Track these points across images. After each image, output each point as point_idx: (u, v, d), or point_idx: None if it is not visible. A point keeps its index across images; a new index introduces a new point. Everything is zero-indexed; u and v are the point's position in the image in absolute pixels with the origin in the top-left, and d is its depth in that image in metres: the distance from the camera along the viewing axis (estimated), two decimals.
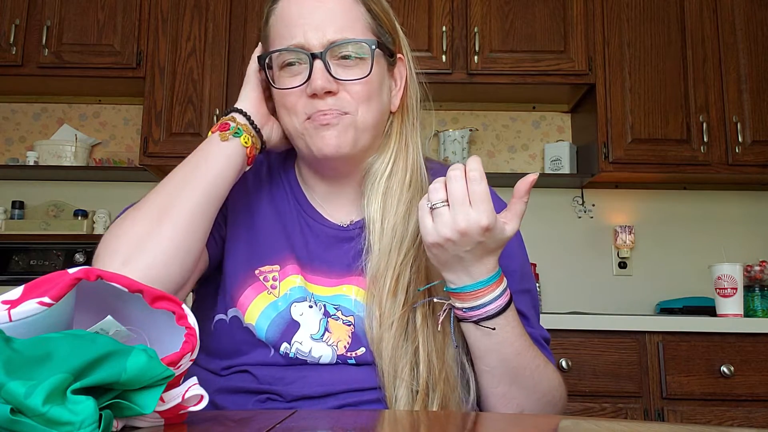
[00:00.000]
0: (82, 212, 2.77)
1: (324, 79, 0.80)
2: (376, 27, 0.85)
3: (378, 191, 0.86)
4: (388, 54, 0.88)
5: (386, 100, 0.88)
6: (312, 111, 0.82)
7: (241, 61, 2.62)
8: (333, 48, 0.81)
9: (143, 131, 2.58)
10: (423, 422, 0.56)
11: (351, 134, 0.83)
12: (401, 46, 0.91)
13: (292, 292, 0.83)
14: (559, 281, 2.78)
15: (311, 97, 0.81)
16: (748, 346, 2.09)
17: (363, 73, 0.82)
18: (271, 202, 0.91)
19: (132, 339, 0.48)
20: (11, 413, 0.39)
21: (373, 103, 0.84)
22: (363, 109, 0.83)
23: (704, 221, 2.83)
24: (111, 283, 0.46)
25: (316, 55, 0.80)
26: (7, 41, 2.58)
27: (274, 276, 0.85)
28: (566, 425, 0.60)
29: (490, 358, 0.79)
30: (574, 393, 2.08)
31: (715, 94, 2.57)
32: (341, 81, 0.81)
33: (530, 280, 0.93)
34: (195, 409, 0.48)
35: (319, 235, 0.89)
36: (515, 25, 2.62)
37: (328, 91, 0.81)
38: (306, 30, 0.81)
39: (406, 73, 0.91)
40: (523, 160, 2.91)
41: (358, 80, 0.82)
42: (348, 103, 0.82)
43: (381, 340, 0.79)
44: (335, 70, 0.81)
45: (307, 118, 0.83)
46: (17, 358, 0.41)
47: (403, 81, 0.91)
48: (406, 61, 0.91)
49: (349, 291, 0.85)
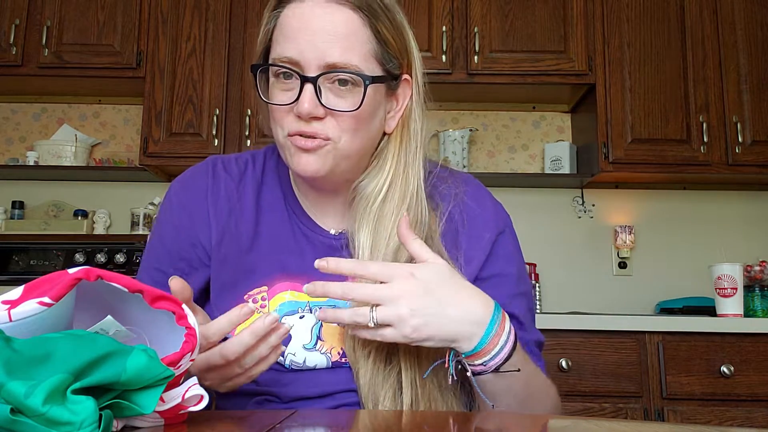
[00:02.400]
0: (82, 212, 2.77)
1: (312, 104, 0.77)
2: (381, 53, 0.81)
3: (370, 217, 0.82)
4: (391, 78, 0.84)
5: (378, 125, 0.84)
6: (295, 130, 0.79)
7: (241, 61, 2.63)
8: (327, 73, 0.78)
9: (143, 131, 2.58)
10: (422, 421, 0.56)
11: (330, 160, 0.80)
12: (411, 66, 0.87)
13: (282, 307, 0.83)
14: (559, 281, 2.78)
15: (297, 116, 0.79)
16: (748, 346, 2.09)
17: (354, 104, 0.78)
18: (259, 211, 0.89)
19: (132, 339, 0.48)
20: (11, 413, 0.39)
21: (359, 133, 0.81)
22: (346, 137, 0.80)
23: (704, 221, 2.83)
24: (111, 283, 0.46)
25: (308, 78, 0.77)
26: (7, 41, 2.58)
27: (263, 296, 0.84)
28: (566, 425, 0.60)
29: (504, 397, 0.76)
30: (574, 393, 2.08)
31: (715, 94, 2.57)
32: (330, 109, 0.78)
33: (526, 283, 0.92)
34: (195, 409, 0.48)
35: (316, 244, 0.88)
36: (515, 25, 2.62)
37: (313, 116, 0.78)
38: (305, 48, 0.77)
39: (411, 95, 0.87)
40: (523, 160, 2.91)
41: (347, 112, 0.79)
42: (332, 130, 0.79)
43: (358, 370, 0.78)
44: (326, 96, 0.78)
45: (291, 135, 0.81)
46: (17, 358, 0.41)
47: (405, 102, 0.86)
48: (413, 83, 0.87)
49: None
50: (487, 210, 0.91)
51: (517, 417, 0.57)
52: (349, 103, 0.79)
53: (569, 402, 2.08)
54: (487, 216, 0.90)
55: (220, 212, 0.88)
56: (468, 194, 0.91)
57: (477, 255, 0.87)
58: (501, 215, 0.93)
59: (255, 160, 0.94)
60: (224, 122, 2.59)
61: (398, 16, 0.84)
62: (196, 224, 0.88)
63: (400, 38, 0.84)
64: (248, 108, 2.59)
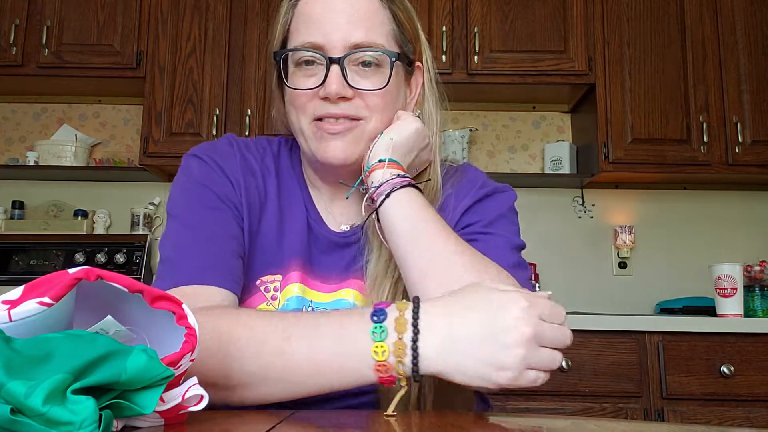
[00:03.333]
0: (82, 212, 2.77)
1: (339, 84, 0.78)
2: (399, 35, 0.83)
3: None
4: (407, 63, 0.85)
5: (401, 108, 0.86)
6: (322, 113, 0.79)
7: (241, 61, 2.63)
8: (353, 54, 0.78)
9: (143, 131, 2.58)
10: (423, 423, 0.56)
11: (361, 144, 0.81)
12: (422, 54, 0.88)
13: (289, 302, 0.82)
14: (559, 281, 2.78)
15: (323, 99, 0.79)
16: (748, 346, 2.09)
17: (381, 82, 0.80)
18: (280, 195, 0.88)
19: (132, 339, 0.48)
20: (11, 413, 0.39)
21: (386, 113, 0.82)
22: (377, 117, 0.81)
23: (704, 221, 2.83)
24: (111, 283, 0.46)
25: (334, 59, 0.78)
26: (7, 41, 2.58)
27: (275, 286, 0.83)
28: (566, 425, 0.60)
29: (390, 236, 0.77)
30: (574, 393, 2.08)
31: (715, 94, 2.57)
32: (357, 89, 0.79)
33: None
34: (195, 409, 0.48)
35: (320, 239, 0.87)
36: (515, 25, 2.62)
37: (342, 96, 0.79)
38: (328, 30, 0.78)
39: (423, 82, 0.88)
40: (523, 160, 2.91)
41: (375, 90, 0.80)
42: (362, 110, 0.80)
43: None
44: (351, 77, 0.79)
45: (317, 119, 0.80)
46: (17, 358, 0.41)
47: (418, 89, 0.88)
48: (424, 70, 0.88)
49: (348, 295, 0.84)
50: (477, 179, 0.90)
51: (517, 418, 0.57)
52: (375, 82, 0.80)
53: (569, 402, 2.08)
54: (476, 181, 0.89)
55: (249, 187, 0.84)
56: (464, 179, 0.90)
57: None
58: (492, 185, 0.91)
59: (270, 146, 0.92)
60: (224, 122, 2.59)
61: (408, 4, 0.86)
62: (231, 183, 0.84)
63: (412, 24, 0.86)
64: (248, 108, 2.59)
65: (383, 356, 0.59)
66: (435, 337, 0.59)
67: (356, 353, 0.60)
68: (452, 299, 0.62)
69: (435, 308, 0.61)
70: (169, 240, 0.79)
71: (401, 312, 0.60)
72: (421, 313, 0.60)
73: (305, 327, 0.63)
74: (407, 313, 0.60)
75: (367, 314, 0.61)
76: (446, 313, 0.60)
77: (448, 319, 0.60)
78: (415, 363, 0.59)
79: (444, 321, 0.59)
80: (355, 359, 0.60)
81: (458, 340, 0.58)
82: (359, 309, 0.64)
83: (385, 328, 0.59)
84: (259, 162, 0.88)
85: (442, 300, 0.62)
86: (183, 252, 0.77)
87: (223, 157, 0.85)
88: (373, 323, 0.60)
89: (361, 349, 0.60)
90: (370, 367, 0.60)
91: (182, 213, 0.81)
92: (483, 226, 0.84)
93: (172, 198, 0.83)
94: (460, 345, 0.58)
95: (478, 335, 0.58)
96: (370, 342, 0.60)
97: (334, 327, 0.62)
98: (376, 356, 0.59)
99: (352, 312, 0.64)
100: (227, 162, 0.84)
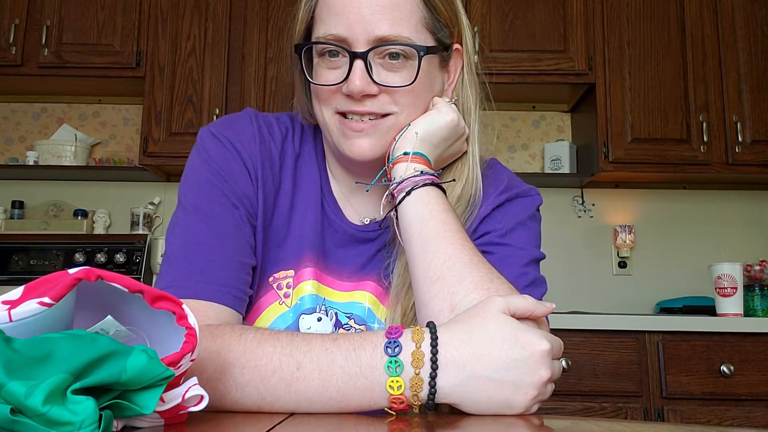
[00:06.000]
0: (82, 212, 2.77)
1: (363, 81, 0.73)
2: (432, 21, 0.77)
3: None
4: (443, 48, 0.79)
5: (437, 93, 0.81)
6: (345, 109, 0.76)
7: (241, 61, 2.63)
8: (378, 47, 0.73)
9: (143, 131, 2.58)
10: (422, 423, 0.56)
11: (389, 138, 0.77)
12: (462, 35, 0.82)
13: (302, 301, 0.79)
14: (559, 281, 2.78)
15: (347, 95, 0.75)
16: (748, 346, 2.09)
17: (409, 76, 0.74)
18: (296, 186, 0.83)
19: (132, 339, 0.48)
20: (11, 413, 0.39)
21: (419, 104, 0.78)
22: (407, 111, 0.76)
23: (704, 221, 2.83)
24: (111, 283, 0.46)
25: (357, 54, 0.73)
26: (7, 41, 2.58)
27: (288, 283, 0.80)
28: (566, 425, 0.60)
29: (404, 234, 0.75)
30: (574, 393, 2.08)
31: (715, 94, 2.57)
32: (382, 86, 0.75)
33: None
34: (195, 409, 0.48)
35: (337, 231, 0.83)
36: (515, 25, 2.62)
37: (366, 94, 0.74)
38: (352, 22, 0.73)
39: (462, 65, 0.83)
40: (523, 160, 2.91)
41: (402, 87, 0.75)
42: (389, 105, 0.76)
43: None
44: (377, 72, 0.74)
45: (340, 114, 0.77)
46: (17, 358, 0.41)
47: (457, 73, 0.83)
48: (464, 53, 0.83)
49: (363, 298, 0.81)
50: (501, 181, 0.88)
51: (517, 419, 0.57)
52: (403, 77, 0.75)
53: (569, 401, 2.08)
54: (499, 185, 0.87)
55: (266, 176, 0.80)
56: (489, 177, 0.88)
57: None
58: (515, 188, 0.88)
59: (294, 127, 0.87)
60: None
61: None
62: (249, 175, 0.79)
63: (449, 4, 0.80)
64: (248, 108, 2.59)
65: (398, 391, 0.57)
66: (455, 375, 0.57)
67: (370, 388, 0.58)
68: (470, 329, 0.59)
69: (453, 340, 0.58)
70: (177, 236, 0.75)
71: (418, 344, 0.57)
72: (440, 346, 0.58)
73: (317, 354, 0.59)
74: (424, 345, 0.57)
75: (381, 345, 0.58)
76: (466, 347, 0.58)
77: (469, 354, 0.57)
78: (432, 397, 0.57)
79: (464, 356, 0.57)
80: (368, 394, 0.58)
81: (478, 378, 0.57)
82: (372, 336, 0.60)
83: (401, 363, 0.57)
84: (279, 146, 0.83)
85: (459, 330, 0.59)
86: (188, 258, 0.73)
87: (242, 141, 0.79)
88: (388, 357, 0.57)
89: (375, 382, 0.57)
90: (383, 398, 0.58)
91: (195, 205, 0.76)
92: (499, 236, 0.81)
93: (186, 182, 0.78)
94: (479, 383, 0.57)
95: (500, 377, 0.57)
96: (384, 376, 0.57)
97: (346, 355, 0.59)
98: (392, 390, 0.57)
99: (365, 341, 0.59)
100: (247, 147, 0.79)
